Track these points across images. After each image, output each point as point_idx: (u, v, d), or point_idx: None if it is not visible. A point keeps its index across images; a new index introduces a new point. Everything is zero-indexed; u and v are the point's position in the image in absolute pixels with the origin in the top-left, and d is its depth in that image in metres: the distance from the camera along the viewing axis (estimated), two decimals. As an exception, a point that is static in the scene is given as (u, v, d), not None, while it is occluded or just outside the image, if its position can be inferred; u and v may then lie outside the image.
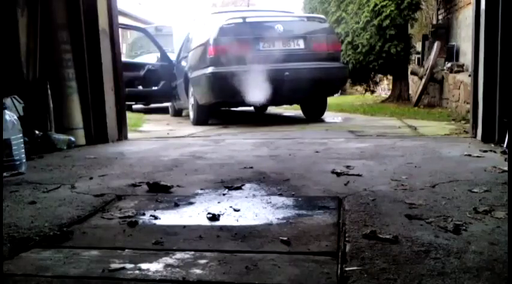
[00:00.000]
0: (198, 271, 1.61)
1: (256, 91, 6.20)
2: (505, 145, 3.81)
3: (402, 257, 1.67)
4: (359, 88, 13.67)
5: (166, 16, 22.23)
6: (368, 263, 1.62)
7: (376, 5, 9.38)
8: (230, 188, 2.72)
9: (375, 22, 9.36)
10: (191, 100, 7.31)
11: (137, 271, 1.62)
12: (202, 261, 1.69)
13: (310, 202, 2.44)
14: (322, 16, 7.41)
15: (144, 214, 2.27)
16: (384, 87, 12.91)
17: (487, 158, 3.46)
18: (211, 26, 6.90)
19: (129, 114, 5.93)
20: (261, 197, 2.54)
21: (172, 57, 8.56)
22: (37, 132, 4.33)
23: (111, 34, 4.93)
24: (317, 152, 4.01)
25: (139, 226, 2.13)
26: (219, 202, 2.46)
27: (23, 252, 1.82)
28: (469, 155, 3.57)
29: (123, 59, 6.99)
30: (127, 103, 6.44)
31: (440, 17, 9.70)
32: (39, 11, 4.52)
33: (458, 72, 7.81)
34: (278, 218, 2.17)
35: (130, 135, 5.35)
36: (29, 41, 4.48)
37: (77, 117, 4.78)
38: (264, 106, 8.77)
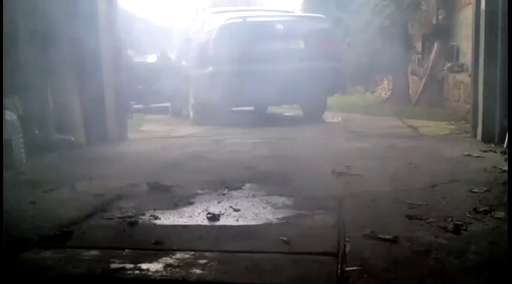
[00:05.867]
0: (198, 271, 1.61)
1: (256, 90, 6.19)
2: (505, 145, 3.81)
3: (402, 257, 1.67)
4: (359, 88, 13.65)
5: (167, 16, 22.23)
6: (368, 263, 1.62)
7: (376, 5, 9.37)
8: (230, 188, 2.72)
9: (375, 22, 9.35)
10: (191, 100, 7.31)
11: (137, 271, 1.62)
12: (202, 261, 1.69)
13: (310, 202, 2.44)
14: (322, 16, 7.39)
15: (144, 214, 2.27)
16: (384, 87, 12.88)
17: (487, 158, 3.46)
18: (212, 26, 6.89)
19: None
20: (261, 197, 2.54)
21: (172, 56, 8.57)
22: (37, 132, 4.32)
23: (111, 34, 4.93)
24: (317, 152, 4.01)
25: (139, 226, 2.13)
26: (219, 202, 2.46)
27: (23, 252, 1.82)
28: (469, 155, 3.57)
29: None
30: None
31: (440, 17, 9.68)
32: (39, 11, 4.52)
33: (458, 72, 7.79)
34: (278, 218, 2.17)
35: (130, 135, 5.35)
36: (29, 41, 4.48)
37: (77, 117, 4.77)
38: (264, 106, 8.76)
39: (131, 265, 1.66)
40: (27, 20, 4.44)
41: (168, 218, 2.23)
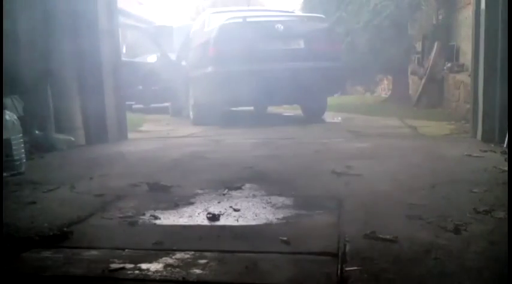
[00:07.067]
0: (198, 271, 1.61)
1: (256, 90, 6.20)
2: (505, 145, 3.81)
3: (402, 257, 1.66)
4: (359, 88, 13.65)
5: (167, 16, 22.22)
6: (368, 263, 1.62)
7: (376, 5, 9.37)
8: (230, 188, 2.72)
9: (375, 22, 9.35)
10: (191, 100, 7.31)
11: (137, 271, 1.62)
12: (202, 261, 1.69)
13: (310, 202, 2.44)
14: (322, 16, 7.39)
15: (144, 214, 2.27)
16: (384, 87, 12.89)
17: (487, 158, 3.46)
18: (212, 26, 6.90)
19: (129, 114, 5.93)
20: (260, 197, 2.54)
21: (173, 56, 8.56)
22: (37, 132, 4.33)
23: (111, 34, 4.93)
24: (317, 152, 4.01)
25: (139, 226, 2.13)
26: (219, 202, 2.46)
27: (23, 252, 1.82)
28: (469, 155, 3.57)
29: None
30: (127, 103, 6.45)
31: (440, 17, 9.69)
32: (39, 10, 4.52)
33: (458, 72, 7.79)
34: (278, 218, 2.17)
35: (130, 135, 5.35)
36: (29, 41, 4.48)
37: (77, 117, 4.78)
38: (264, 106, 8.76)
39: (131, 265, 1.66)
40: (28, 20, 4.44)
41: (168, 218, 2.23)
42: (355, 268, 1.58)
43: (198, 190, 2.72)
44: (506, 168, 2.97)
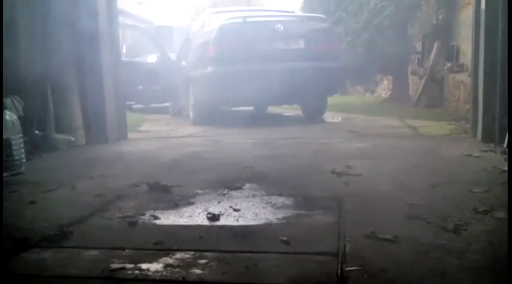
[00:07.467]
0: (198, 271, 1.61)
1: (256, 90, 6.19)
2: (505, 145, 3.81)
3: (402, 257, 1.66)
4: (359, 88, 13.65)
5: (167, 16, 22.22)
6: (368, 263, 1.62)
7: (375, 4, 9.37)
8: (230, 188, 2.72)
9: (375, 22, 9.35)
10: (191, 100, 7.31)
11: (137, 271, 1.62)
12: (202, 261, 1.69)
13: (310, 202, 2.44)
14: (322, 16, 7.39)
15: (144, 214, 2.27)
16: (384, 87, 12.89)
17: (487, 158, 3.46)
18: (212, 26, 6.89)
19: (129, 114, 5.93)
20: (261, 197, 2.54)
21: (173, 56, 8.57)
22: (37, 132, 4.33)
23: (111, 34, 4.93)
24: (317, 152, 4.01)
25: (139, 226, 2.13)
26: (219, 202, 2.46)
27: (23, 252, 1.82)
28: (469, 155, 3.57)
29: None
30: (127, 103, 6.44)
31: (440, 17, 9.68)
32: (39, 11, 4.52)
33: (458, 72, 7.78)
34: (278, 218, 2.17)
35: (130, 135, 5.35)
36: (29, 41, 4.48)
37: (77, 117, 4.78)
38: (263, 106, 8.76)
39: (131, 265, 1.66)
40: (29, 21, 4.44)
41: (168, 218, 2.23)
42: (355, 268, 1.58)
43: (198, 190, 2.72)
44: (506, 168, 2.97)
